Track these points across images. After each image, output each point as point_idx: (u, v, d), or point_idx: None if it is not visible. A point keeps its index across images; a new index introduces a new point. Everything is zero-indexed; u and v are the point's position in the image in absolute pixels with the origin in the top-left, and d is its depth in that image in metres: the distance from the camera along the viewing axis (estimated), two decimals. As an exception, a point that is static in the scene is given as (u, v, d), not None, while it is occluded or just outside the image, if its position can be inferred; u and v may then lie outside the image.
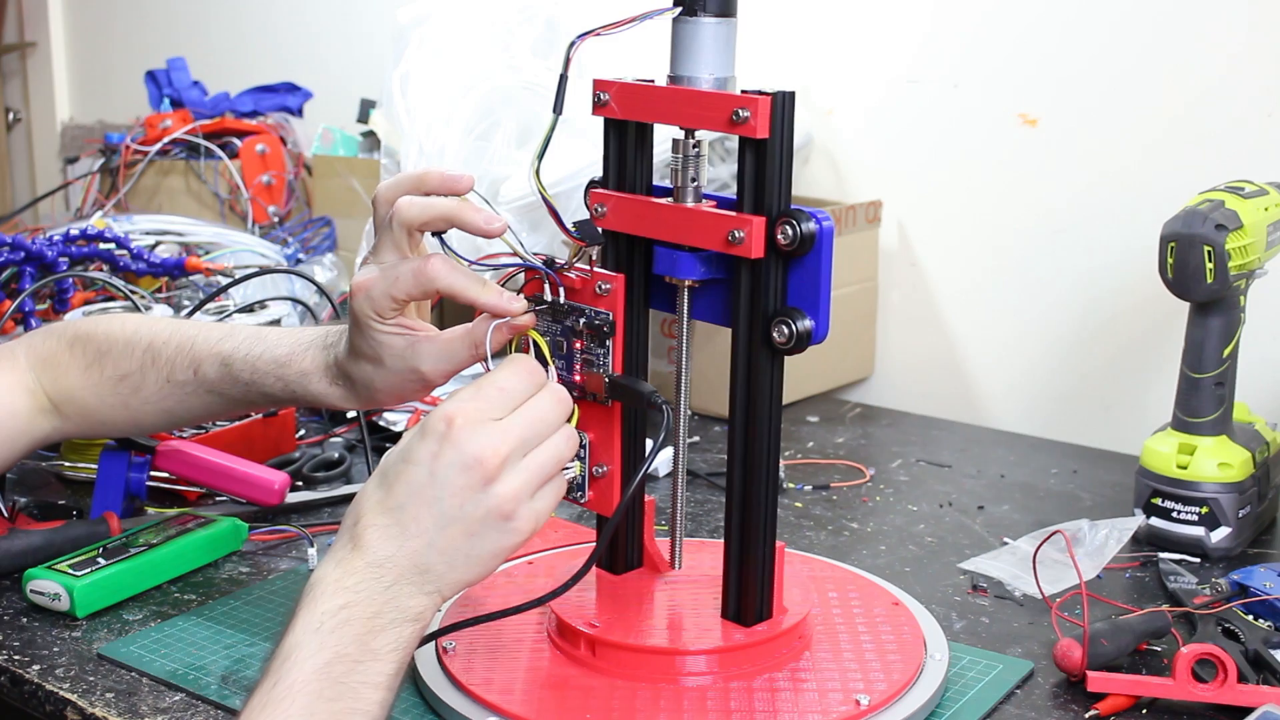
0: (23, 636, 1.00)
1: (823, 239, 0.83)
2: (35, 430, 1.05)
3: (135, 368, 1.02)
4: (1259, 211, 1.14)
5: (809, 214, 0.83)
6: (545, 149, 0.85)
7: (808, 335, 0.85)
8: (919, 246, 1.66)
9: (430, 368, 0.91)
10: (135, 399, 1.03)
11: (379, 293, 0.89)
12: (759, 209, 0.83)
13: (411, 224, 0.89)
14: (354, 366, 0.94)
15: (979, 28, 1.57)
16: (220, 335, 1.01)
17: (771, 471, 0.89)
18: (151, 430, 1.08)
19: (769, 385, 0.87)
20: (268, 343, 0.99)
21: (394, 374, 0.92)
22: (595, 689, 0.87)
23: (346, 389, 0.96)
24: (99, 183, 2.02)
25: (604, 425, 0.90)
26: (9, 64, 2.95)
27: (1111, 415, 1.52)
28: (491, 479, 0.78)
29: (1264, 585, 1.01)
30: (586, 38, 0.84)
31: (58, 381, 1.04)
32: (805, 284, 0.85)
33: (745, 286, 0.86)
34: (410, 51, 1.63)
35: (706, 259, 0.88)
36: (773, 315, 0.86)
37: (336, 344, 0.97)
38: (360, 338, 0.92)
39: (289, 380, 0.98)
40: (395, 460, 0.80)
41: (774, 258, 0.85)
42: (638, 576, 0.97)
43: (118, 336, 1.04)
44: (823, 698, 0.86)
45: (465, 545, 0.79)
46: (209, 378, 1.01)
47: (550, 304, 0.89)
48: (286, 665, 0.73)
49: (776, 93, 0.82)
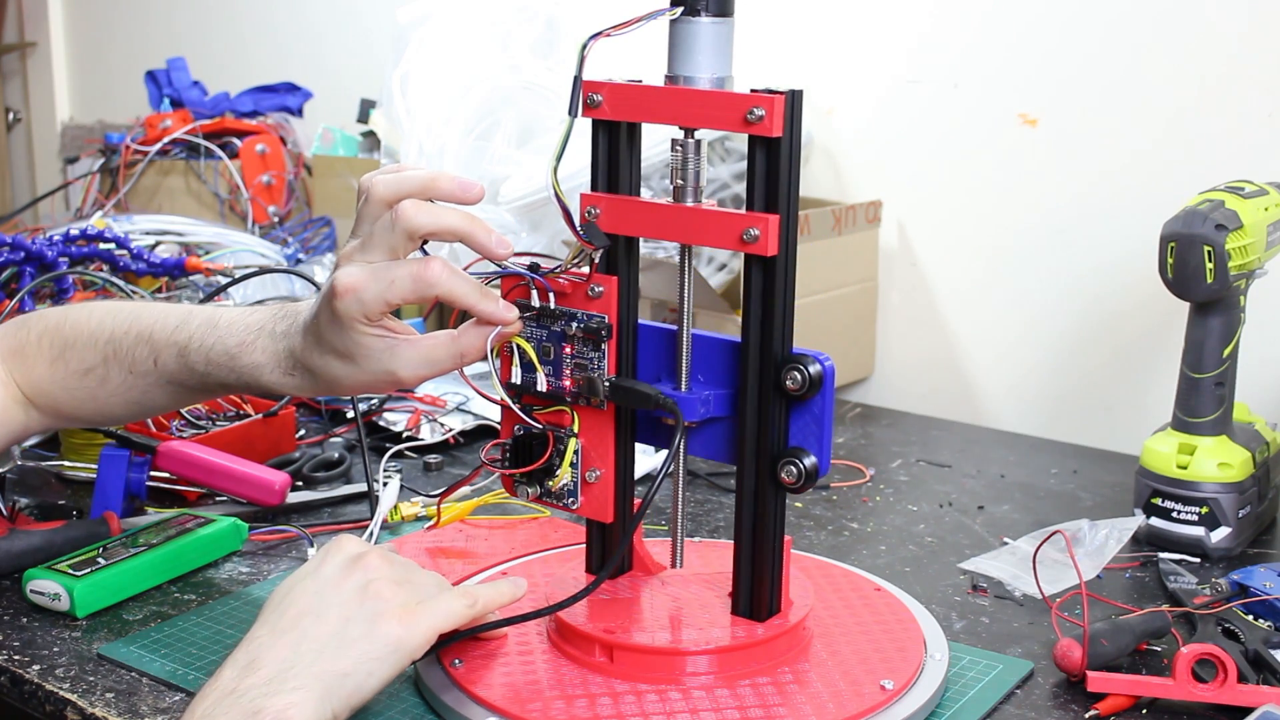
0: (23, 636, 1.00)
1: (826, 379, 0.85)
2: (13, 422, 1.03)
3: (98, 361, 0.99)
4: (1259, 211, 1.14)
5: (813, 357, 0.85)
6: (563, 150, 0.85)
7: (815, 472, 0.86)
8: (919, 246, 1.66)
9: (408, 373, 0.89)
10: (102, 391, 1.00)
11: (372, 295, 0.86)
12: (771, 207, 0.84)
13: (416, 231, 0.86)
14: (319, 360, 0.91)
15: (979, 28, 1.57)
16: (176, 323, 0.98)
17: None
18: (121, 422, 1.06)
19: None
20: (220, 331, 0.96)
21: (365, 373, 0.90)
22: (620, 694, 0.86)
23: (304, 379, 0.93)
24: (99, 183, 2.02)
25: (598, 430, 0.89)
26: (9, 64, 2.95)
27: (1111, 415, 1.52)
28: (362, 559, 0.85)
29: (1264, 585, 1.01)
30: (598, 39, 0.83)
31: (28, 374, 1.02)
32: (809, 424, 0.86)
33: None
34: (410, 51, 1.63)
35: (706, 399, 0.89)
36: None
37: (289, 332, 0.93)
38: (336, 335, 0.89)
39: (241, 372, 0.95)
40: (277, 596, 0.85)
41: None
42: (631, 579, 0.97)
43: (82, 329, 1.01)
44: (851, 685, 0.87)
45: (338, 629, 0.82)
46: (169, 368, 0.97)
47: (538, 309, 0.89)
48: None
49: (788, 91, 0.82)
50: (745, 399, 0.87)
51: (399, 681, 0.92)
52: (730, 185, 1.63)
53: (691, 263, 0.90)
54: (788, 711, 0.84)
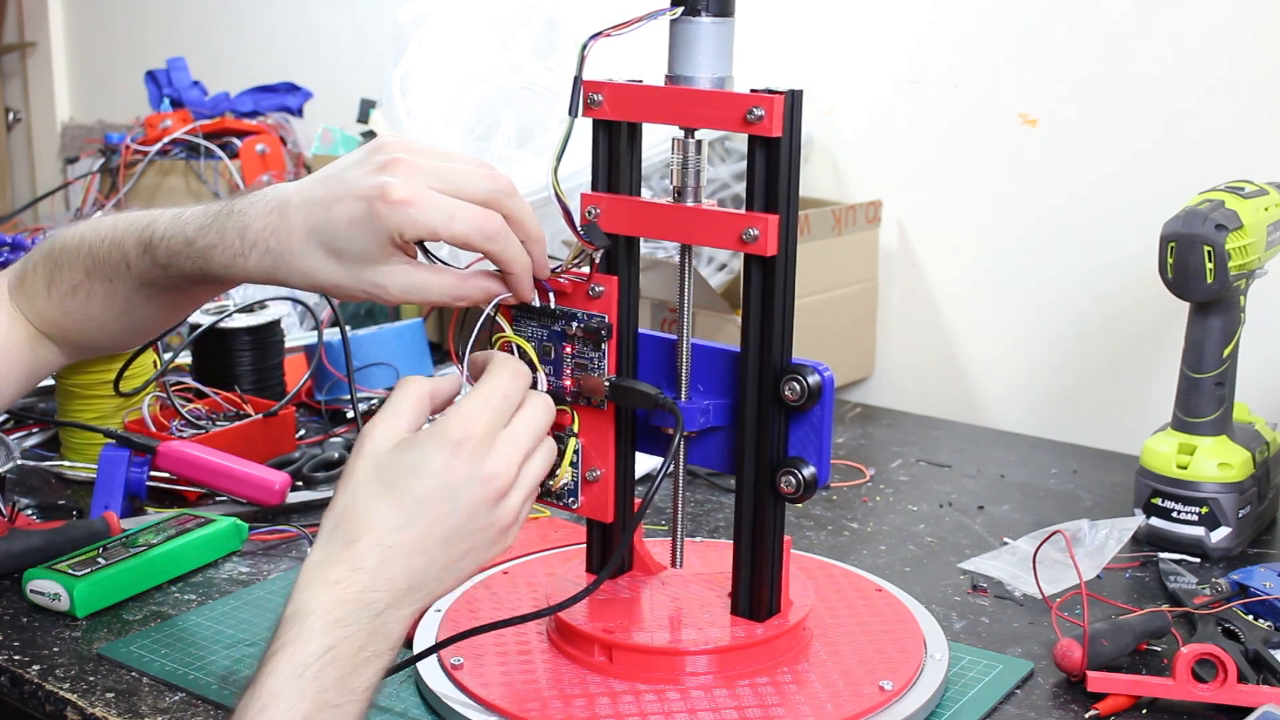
0: (23, 636, 1.00)
1: (825, 389, 0.85)
2: (26, 359, 1.00)
3: (82, 276, 0.96)
4: (1259, 211, 1.14)
5: (812, 367, 0.85)
6: (564, 150, 0.85)
7: (814, 482, 0.86)
8: (919, 246, 1.66)
9: (397, 290, 0.84)
10: (93, 307, 0.97)
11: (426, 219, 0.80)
12: (771, 207, 0.84)
13: (472, 241, 0.82)
14: (299, 245, 0.84)
15: (979, 28, 1.57)
16: (146, 222, 0.93)
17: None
18: (128, 344, 1.04)
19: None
20: (181, 221, 0.91)
21: (350, 277, 0.84)
22: (619, 694, 0.86)
23: (263, 261, 0.86)
24: (99, 183, 2.01)
25: (598, 429, 0.90)
26: (9, 64, 2.95)
27: (1111, 415, 1.52)
28: (503, 494, 0.78)
29: (1264, 585, 1.01)
30: (598, 39, 0.83)
31: (32, 305, 0.99)
32: (808, 434, 0.86)
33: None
34: (410, 51, 1.63)
35: (706, 409, 0.89)
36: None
37: (246, 209, 0.87)
38: (346, 233, 0.82)
39: (195, 258, 0.89)
40: (402, 469, 0.77)
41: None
42: (631, 579, 0.97)
43: (68, 246, 0.98)
44: (850, 685, 0.87)
45: (460, 559, 0.78)
46: (139, 268, 0.93)
47: (538, 309, 0.89)
48: (264, 716, 0.70)
49: (788, 91, 0.82)
50: (744, 409, 0.88)
51: (399, 681, 0.92)
52: (730, 185, 1.63)
53: (691, 263, 0.90)
54: (786, 712, 0.84)
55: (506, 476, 0.78)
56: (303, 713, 0.71)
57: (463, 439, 0.77)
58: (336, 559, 0.76)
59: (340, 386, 1.47)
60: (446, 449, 0.77)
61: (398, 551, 0.76)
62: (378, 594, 0.75)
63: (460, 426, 0.78)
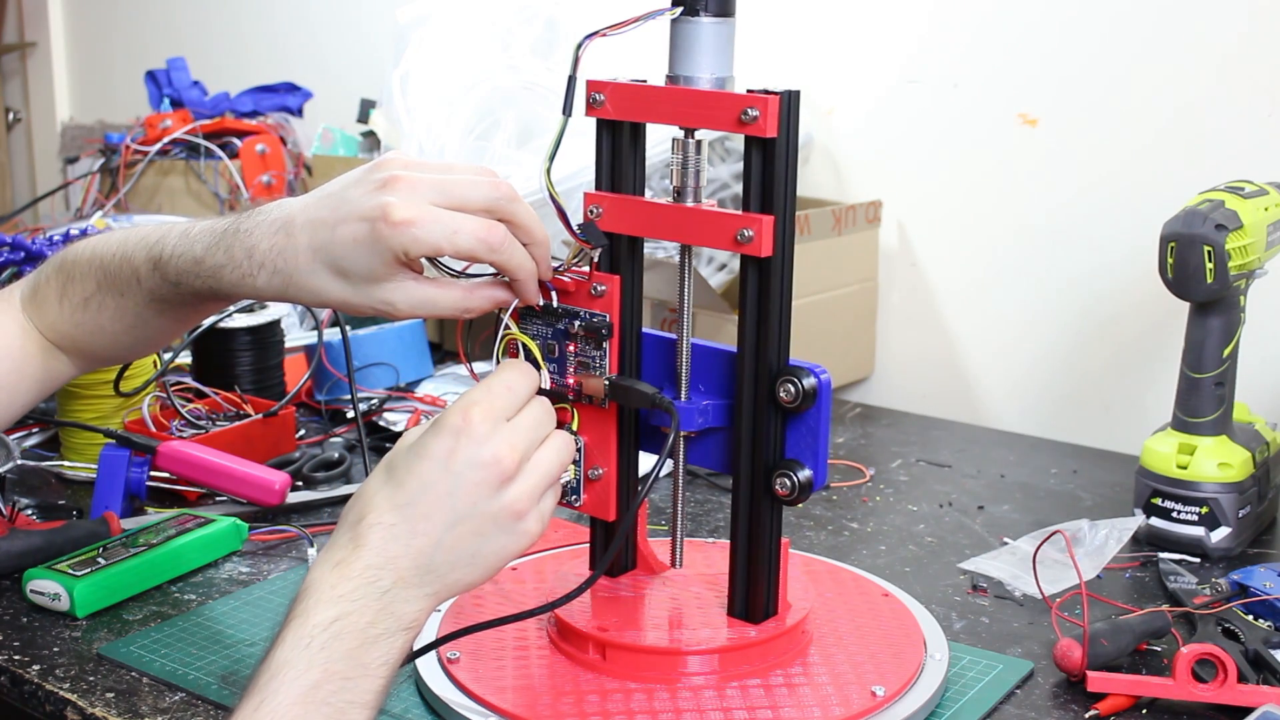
0: (23, 636, 1.00)
1: (822, 392, 0.85)
2: (38, 370, 1.01)
3: (94, 289, 0.97)
4: (1259, 211, 1.14)
5: (808, 369, 0.85)
6: (556, 150, 0.85)
7: (809, 485, 0.86)
8: (919, 246, 1.66)
9: (405, 307, 0.84)
10: (104, 320, 0.98)
11: (428, 238, 0.81)
12: (766, 208, 0.83)
13: (478, 254, 0.83)
14: (306, 266, 0.85)
15: (979, 28, 1.57)
16: (156, 238, 0.94)
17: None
18: (138, 355, 1.03)
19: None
20: (190, 238, 0.92)
21: (358, 295, 0.85)
22: (609, 692, 0.86)
23: (272, 280, 0.87)
24: (99, 183, 2.02)
25: (600, 428, 0.90)
26: (9, 64, 2.95)
27: (1111, 415, 1.52)
28: (508, 478, 0.78)
29: (1264, 585, 1.01)
30: (594, 38, 0.83)
31: (45, 316, 1.00)
32: (804, 436, 0.86)
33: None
34: (410, 51, 1.63)
35: (704, 410, 0.89)
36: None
37: (253, 229, 0.88)
38: (351, 255, 0.83)
39: (205, 277, 0.90)
40: (405, 454, 0.79)
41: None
42: (633, 578, 0.97)
43: (80, 259, 0.99)
44: (839, 691, 0.87)
45: (472, 545, 0.78)
46: (149, 285, 0.94)
47: (542, 307, 0.89)
48: (273, 685, 0.71)
49: (783, 92, 0.82)
50: (740, 410, 0.87)
51: (399, 680, 0.92)
52: (730, 185, 1.63)
53: (691, 263, 0.90)
54: (772, 715, 0.84)
55: (508, 460, 0.78)
56: (312, 680, 0.72)
57: (462, 424, 0.78)
58: (341, 540, 0.78)
59: (340, 386, 1.47)
60: (447, 433, 0.78)
61: (398, 530, 0.77)
62: (381, 571, 0.76)
63: (460, 413, 0.79)
